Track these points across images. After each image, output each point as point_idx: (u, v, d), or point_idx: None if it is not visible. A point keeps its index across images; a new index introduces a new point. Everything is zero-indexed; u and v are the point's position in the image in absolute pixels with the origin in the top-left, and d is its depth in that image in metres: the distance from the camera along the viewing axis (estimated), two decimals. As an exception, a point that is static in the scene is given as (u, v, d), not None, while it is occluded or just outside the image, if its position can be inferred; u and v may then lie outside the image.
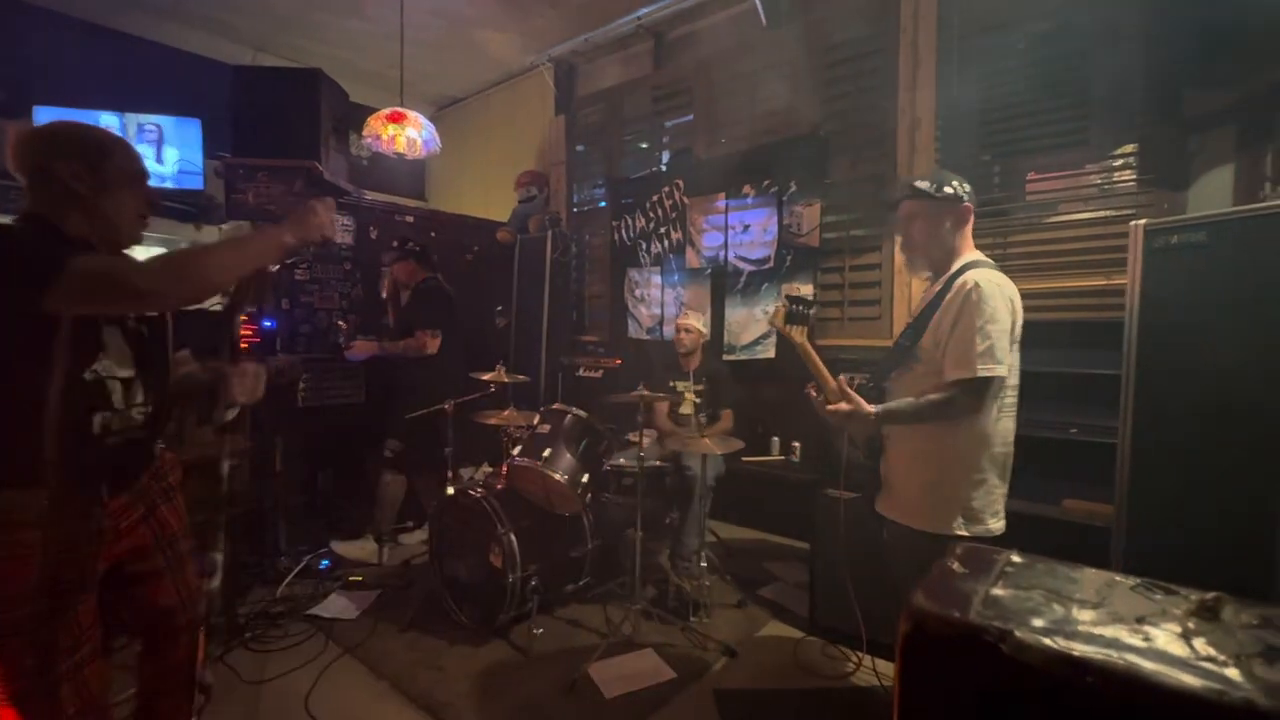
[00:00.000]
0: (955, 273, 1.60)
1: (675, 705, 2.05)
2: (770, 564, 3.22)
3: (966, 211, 1.64)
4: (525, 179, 4.76)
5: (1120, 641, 0.57)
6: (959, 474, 1.56)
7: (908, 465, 1.65)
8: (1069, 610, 0.63)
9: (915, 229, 1.66)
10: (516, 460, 2.49)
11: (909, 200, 1.66)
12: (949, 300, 1.55)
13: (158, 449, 1.41)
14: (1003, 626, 0.58)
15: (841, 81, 3.56)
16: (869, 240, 3.48)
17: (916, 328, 1.64)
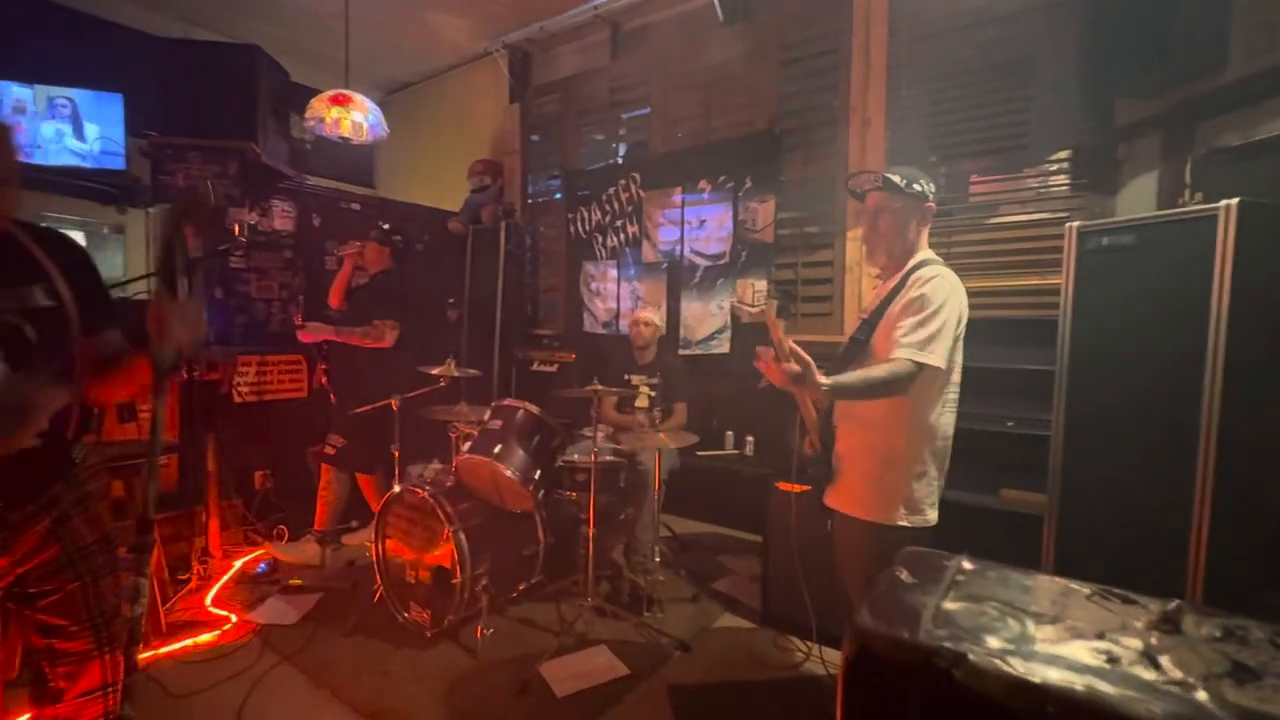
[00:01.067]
0: (911, 269, 1.63)
1: (628, 702, 2.04)
2: (724, 557, 3.24)
3: (930, 211, 1.67)
4: (478, 168, 4.64)
5: (1082, 663, 0.53)
6: (903, 466, 1.59)
7: (855, 457, 1.67)
8: (1025, 626, 0.58)
9: (883, 222, 1.67)
10: (467, 456, 2.42)
11: (879, 192, 1.67)
12: (904, 293, 1.58)
13: (77, 453, 1.28)
14: (955, 649, 0.53)
15: (795, 80, 3.60)
16: (821, 237, 3.53)
17: (871, 324, 1.65)
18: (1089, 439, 2.01)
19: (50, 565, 1.24)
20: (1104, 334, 1.98)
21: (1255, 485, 1.73)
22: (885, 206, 1.66)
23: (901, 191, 1.62)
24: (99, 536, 1.32)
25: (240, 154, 3.37)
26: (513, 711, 1.96)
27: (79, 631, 1.28)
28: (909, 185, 1.63)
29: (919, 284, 1.55)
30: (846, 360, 1.69)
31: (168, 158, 3.33)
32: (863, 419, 1.65)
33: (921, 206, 1.65)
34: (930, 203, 1.65)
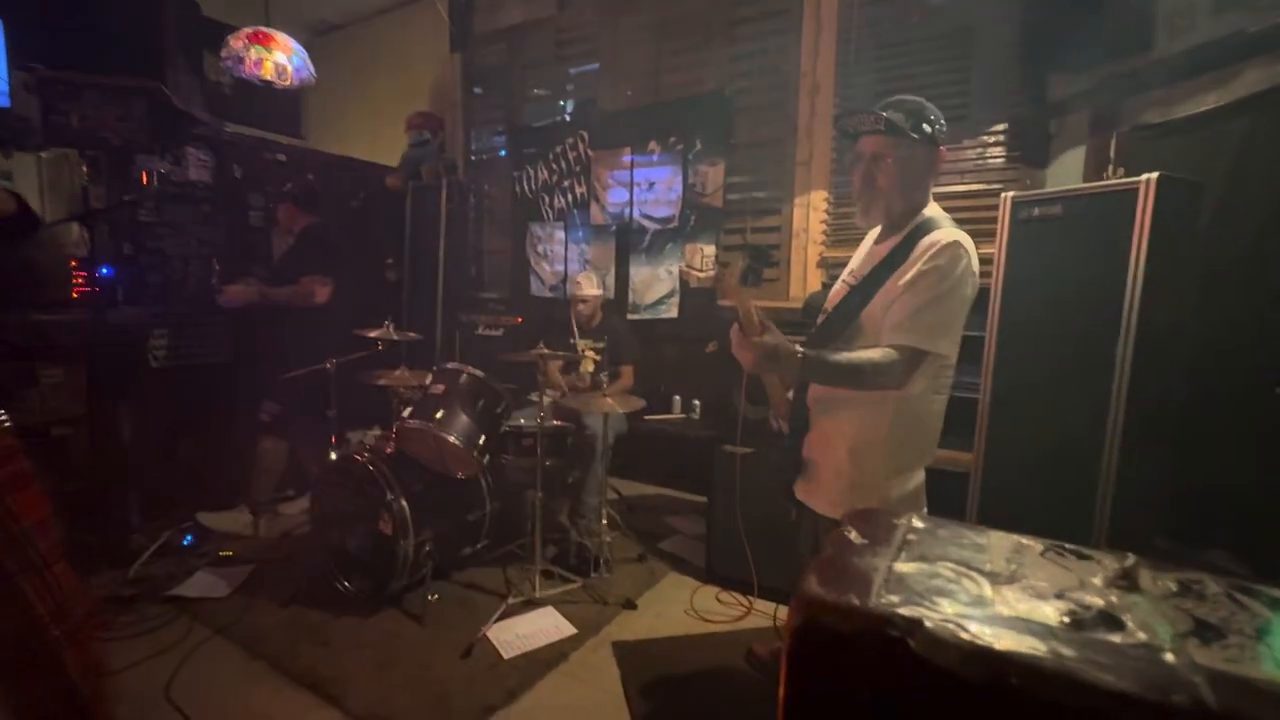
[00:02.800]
0: (917, 228, 1.36)
1: (574, 660, 2.07)
2: (670, 518, 3.31)
3: (941, 157, 1.41)
4: (417, 120, 4.39)
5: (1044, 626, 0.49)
6: (882, 462, 1.39)
7: (828, 446, 1.46)
8: (981, 587, 0.55)
9: (881, 172, 1.37)
10: (407, 422, 2.35)
11: (878, 136, 1.37)
12: (913, 260, 1.32)
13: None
14: (910, 615, 0.49)
15: (746, 40, 3.54)
16: (769, 202, 3.55)
17: (863, 293, 1.39)
18: (1013, 401, 2.13)
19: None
20: (1030, 302, 2.08)
21: (1155, 444, 1.88)
22: (885, 154, 1.36)
23: (906, 135, 1.34)
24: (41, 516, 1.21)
25: (147, 94, 3.06)
26: (457, 674, 1.96)
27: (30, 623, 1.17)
28: (917, 126, 1.34)
29: (930, 253, 1.29)
30: (829, 334, 1.44)
31: (59, 95, 2.98)
32: (840, 401, 1.42)
33: (932, 153, 1.38)
34: (942, 146, 1.39)
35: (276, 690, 1.89)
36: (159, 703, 1.79)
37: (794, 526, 1.74)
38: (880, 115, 1.36)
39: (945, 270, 1.28)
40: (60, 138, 2.99)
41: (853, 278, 1.49)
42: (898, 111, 1.35)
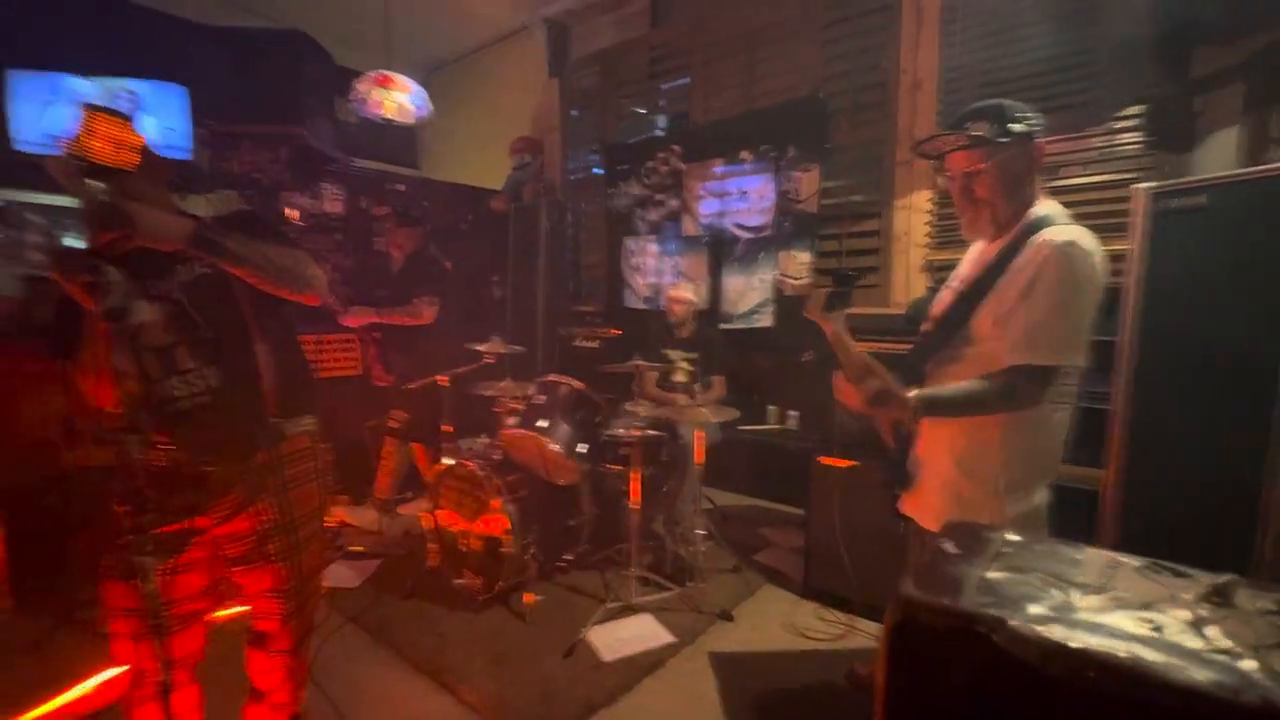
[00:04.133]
0: (1028, 227, 1.27)
1: (671, 667, 2.10)
2: (766, 530, 3.26)
3: (1041, 150, 1.31)
4: (519, 145, 4.66)
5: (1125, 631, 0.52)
6: (993, 476, 1.30)
7: (935, 460, 1.38)
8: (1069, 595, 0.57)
9: (978, 184, 1.30)
10: (513, 430, 2.49)
11: (962, 152, 1.31)
12: (1022, 264, 1.23)
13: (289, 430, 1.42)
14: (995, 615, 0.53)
15: (842, 41, 3.46)
16: (868, 206, 3.43)
17: (970, 299, 1.31)
18: (1154, 415, 1.92)
19: (243, 537, 1.34)
20: (1173, 304, 1.86)
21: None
22: (976, 165, 1.29)
23: (993, 143, 1.26)
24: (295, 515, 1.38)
25: (290, 139, 3.49)
26: (560, 672, 2.05)
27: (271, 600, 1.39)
28: (1004, 130, 1.26)
29: (1045, 255, 1.20)
30: (934, 344, 1.37)
31: (224, 145, 3.47)
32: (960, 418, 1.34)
33: (1027, 150, 1.29)
34: (1039, 140, 1.29)
35: (401, 675, 2.07)
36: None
37: (900, 542, 1.67)
38: (960, 133, 1.29)
39: (1063, 275, 1.18)
40: (224, 181, 3.47)
41: (960, 283, 1.40)
42: (979, 120, 1.28)
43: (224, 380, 1.27)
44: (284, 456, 1.38)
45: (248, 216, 1.39)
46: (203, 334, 1.25)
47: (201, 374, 1.25)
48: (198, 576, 1.33)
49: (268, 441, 1.35)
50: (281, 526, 1.37)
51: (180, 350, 1.24)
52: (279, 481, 1.37)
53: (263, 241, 1.25)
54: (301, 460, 1.42)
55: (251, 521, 1.33)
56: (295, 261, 1.26)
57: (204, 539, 1.32)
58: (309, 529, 1.44)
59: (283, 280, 1.25)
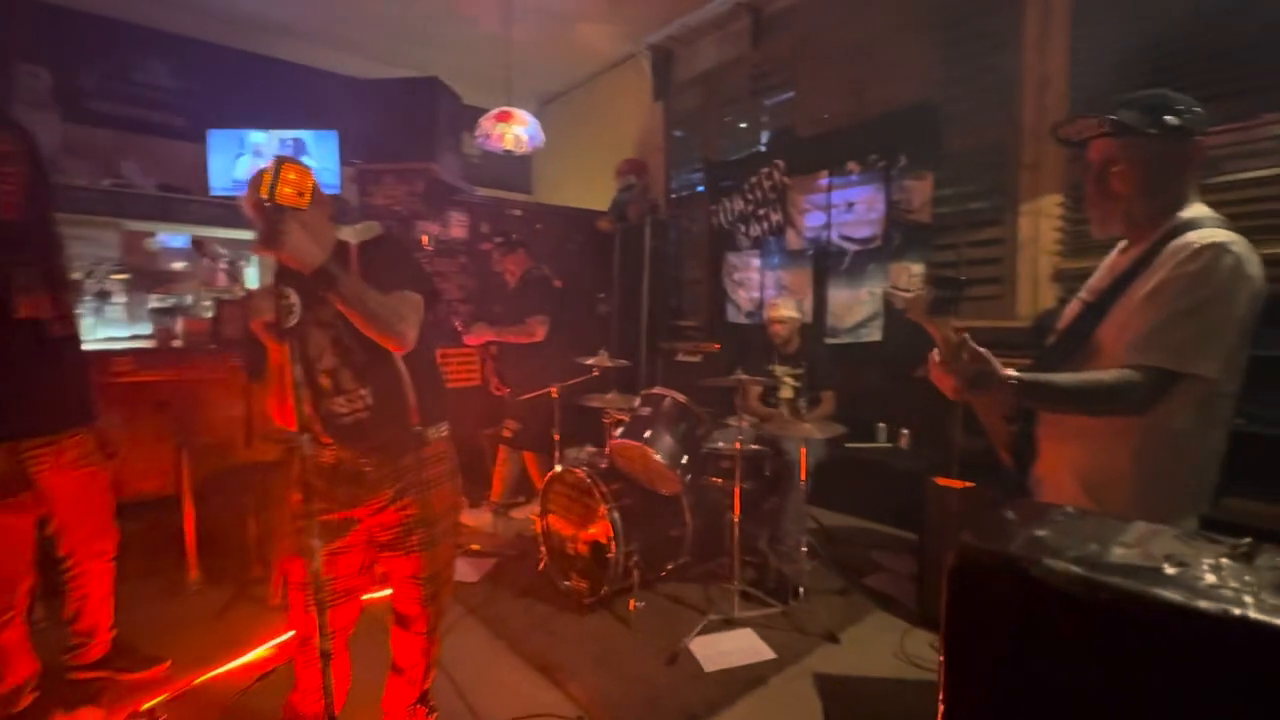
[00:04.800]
0: (1170, 232, 1.15)
1: (774, 685, 2.08)
2: (875, 553, 3.13)
3: (1199, 150, 1.17)
4: (624, 168, 4.86)
5: (1141, 570, 0.63)
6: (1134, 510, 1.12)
7: (1058, 483, 1.25)
8: (1105, 549, 0.68)
9: (1116, 178, 1.18)
10: (619, 440, 2.60)
11: (1105, 140, 1.19)
12: (1155, 269, 1.13)
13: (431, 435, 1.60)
14: (1033, 555, 0.66)
15: (958, 44, 3.31)
16: (988, 213, 3.23)
17: (1099, 309, 1.22)
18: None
19: (392, 528, 1.52)
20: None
21: None
22: (1118, 157, 1.17)
23: (1143, 133, 1.14)
24: (434, 511, 1.55)
25: (424, 174, 3.87)
26: (663, 679, 2.09)
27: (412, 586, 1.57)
28: (1157, 121, 1.13)
29: (1182, 256, 1.09)
30: (1057, 358, 1.27)
31: (369, 181, 3.93)
32: (1072, 428, 1.23)
33: (1183, 147, 1.15)
34: (1199, 137, 1.15)
35: (514, 667, 2.20)
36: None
37: None
38: (1104, 118, 1.17)
39: (1200, 276, 1.06)
40: (369, 213, 3.91)
41: (1089, 294, 1.29)
42: (1130, 109, 1.16)
43: (376, 397, 1.47)
44: (425, 459, 1.55)
45: (387, 240, 1.59)
46: (358, 357, 1.45)
47: (359, 393, 1.47)
48: (354, 559, 1.53)
49: (413, 446, 1.53)
50: (423, 520, 1.53)
51: (344, 372, 1.46)
52: (421, 480, 1.54)
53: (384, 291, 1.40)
54: (440, 462, 1.59)
55: (399, 514, 1.51)
56: (390, 313, 1.38)
57: (360, 527, 1.52)
58: (445, 524, 1.60)
59: (372, 325, 1.36)
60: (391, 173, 3.89)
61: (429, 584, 1.57)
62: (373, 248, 1.53)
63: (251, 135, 4.40)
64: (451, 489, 1.63)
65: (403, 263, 1.55)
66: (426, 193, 3.92)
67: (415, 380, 1.52)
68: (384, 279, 1.43)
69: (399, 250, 1.62)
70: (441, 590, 1.62)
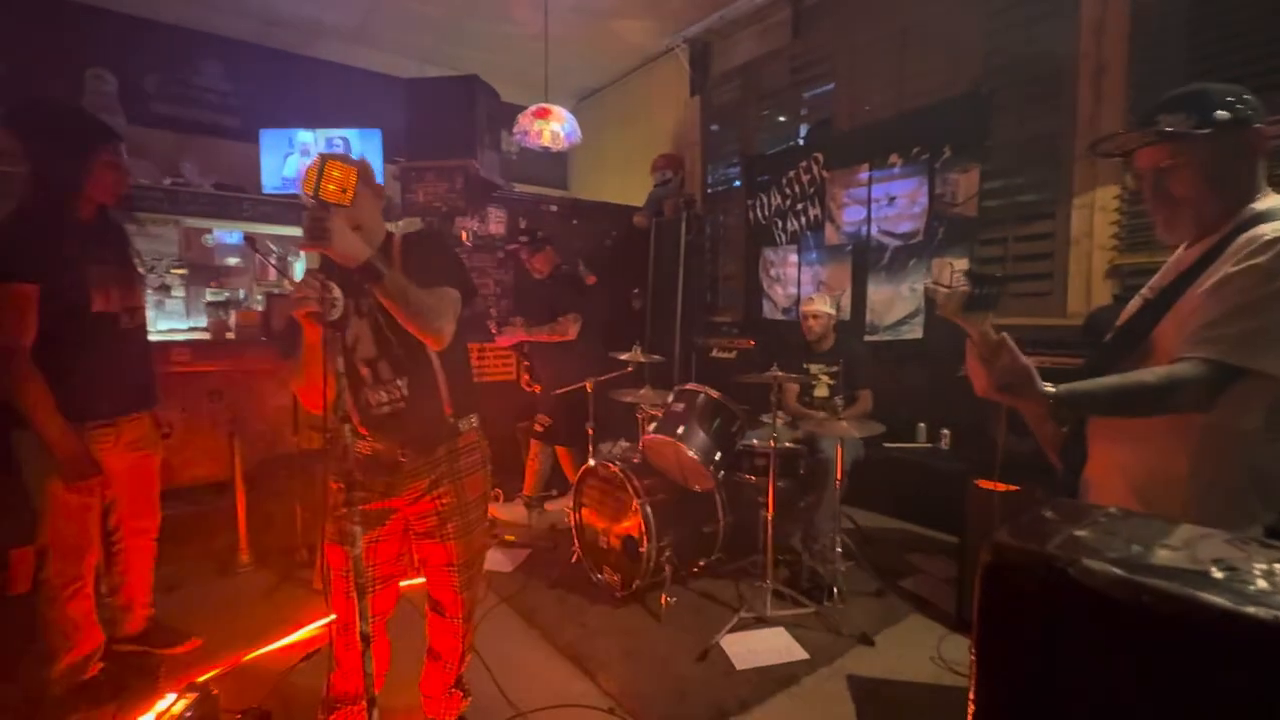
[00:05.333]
0: (1241, 225, 1.08)
1: (806, 685, 2.05)
2: (912, 556, 3.06)
3: (1260, 137, 1.09)
4: (660, 163, 4.85)
5: (1187, 573, 0.59)
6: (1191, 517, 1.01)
7: (1112, 491, 1.18)
8: (1148, 550, 0.65)
9: (1176, 183, 1.12)
10: (652, 436, 2.60)
11: (1156, 147, 1.13)
12: (1225, 257, 1.06)
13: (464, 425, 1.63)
14: (1072, 555, 0.63)
15: (1007, 31, 3.19)
16: (1039, 206, 3.11)
17: (1156, 307, 1.16)
18: None
19: (427, 516, 1.56)
20: None
21: None
22: (1172, 162, 1.11)
23: (1191, 137, 1.07)
24: (468, 499, 1.59)
25: (464, 170, 3.94)
26: (693, 674, 2.09)
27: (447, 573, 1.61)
28: (1206, 119, 1.06)
29: (1250, 249, 1.02)
30: (1112, 357, 1.21)
31: (410, 178, 4.01)
32: (1122, 426, 1.16)
33: (1242, 137, 1.08)
34: (1258, 125, 1.08)
35: (547, 657, 2.24)
36: (466, 649, 2.26)
37: None
38: (1149, 130, 1.11)
39: (1269, 269, 0.99)
40: (411, 210, 4.00)
41: (1150, 291, 1.23)
42: (1174, 112, 1.09)
43: (412, 388, 1.51)
44: (459, 449, 1.58)
45: (431, 236, 1.62)
46: (396, 350, 1.48)
47: (396, 384, 1.50)
48: (392, 547, 1.57)
49: (446, 436, 1.56)
50: (457, 509, 1.57)
51: (383, 363, 1.50)
52: (455, 470, 1.57)
53: (423, 286, 1.41)
54: (472, 452, 1.62)
55: (434, 504, 1.55)
56: (430, 309, 1.40)
57: (397, 516, 1.56)
58: (477, 512, 1.63)
59: (414, 321, 1.39)
60: (432, 170, 3.96)
61: (463, 570, 1.60)
62: (416, 242, 1.57)
63: (300, 134, 4.55)
64: (483, 478, 1.65)
65: (444, 259, 1.58)
66: (466, 189, 3.99)
67: (448, 373, 1.55)
68: (425, 274, 1.44)
69: (441, 246, 1.64)
70: (475, 577, 1.66)
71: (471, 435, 1.63)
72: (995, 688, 0.71)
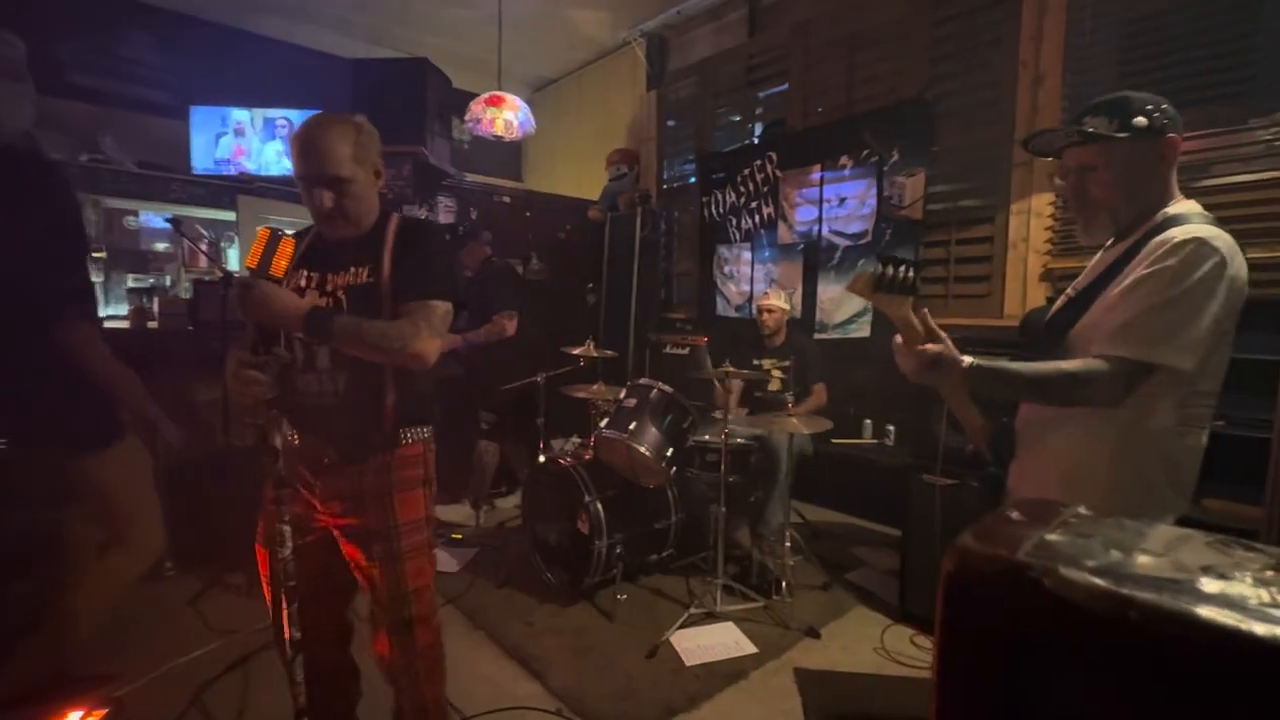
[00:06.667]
0: (1154, 229, 1.15)
1: (754, 679, 2.07)
2: (859, 549, 3.13)
3: (1172, 146, 1.15)
4: (616, 157, 4.81)
5: (1176, 584, 0.52)
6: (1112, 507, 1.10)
7: (1040, 482, 1.26)
8: (1128, 557, 0.58)
9: (1094, 184, 1.18)
10: (604, 432, 2.57)
11: (1077, 148, 1.20)
12: (1139, 259, 1.12)
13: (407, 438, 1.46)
14: (1048, 564, 0.55)
15: (953, 39, 3.29)
16: (980, 210, 3.23)
17: (1076, 306, 1.23)
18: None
19: (355, 531, 1.39)
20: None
21: None
22: (1092, 163, 1.18)
23: (1112, 139, 1.14)
24: (398, 521, 1.38)
25: (413, 157, 3.80)
26: (642, 672, 2.08)
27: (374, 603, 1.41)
28: (1126, 124, 1.13)
29: (1162, 251, 1.08)
30: (1036, 352, 1.27)
31: (356, 164, 3.84)
32: (1050, 423, 1.22)
33: (1156, 145, 1.14)
34: (1172, 135, 1.14)
35: (493, 658, 2.18)
36: (408, 652, 2.18)
37: None
38: (1072, 129, 1.18)
39: (1178, 271, 1.05)
40: (355, 196, 3.83)
41: (1074, 290, 1.29)
42: (1097, 115, 1.16)
43: (350, 385, 1.36)
44: (394, 462, 1.40)
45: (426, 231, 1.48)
46: None
47: (334, 376, 1.35)
48: (325, 554, 1.43)
49: (381, 447, 1.39)
50: (383, 532, 1.38)
51: (324, 350, 1.34)
52: (385, 485, 1.39)
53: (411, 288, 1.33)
54: (411, 467, 1.43)
55: (363, 519, 1.38)
56: (393, 339, 1.28)
57: (325, 525, 1.43)
58: (411, 540, 1.40)
59: (378, 356, 1.30)
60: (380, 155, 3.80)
61: (386, 607, 1.39)
62: (413, 233, 1.42)
63: (235, 113, 4.30)
64: (423, 499, 1.44)
65: (436, 261, 1.40)
66: (415, 177, 3.85)
67: (399, 379, 1.39)
68: (414, 275, 1.35)
69: (438, 245, 1.46)
70: (414, 621, 1.41)
71: (415, 448, 1.44)
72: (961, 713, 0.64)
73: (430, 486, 1.48)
